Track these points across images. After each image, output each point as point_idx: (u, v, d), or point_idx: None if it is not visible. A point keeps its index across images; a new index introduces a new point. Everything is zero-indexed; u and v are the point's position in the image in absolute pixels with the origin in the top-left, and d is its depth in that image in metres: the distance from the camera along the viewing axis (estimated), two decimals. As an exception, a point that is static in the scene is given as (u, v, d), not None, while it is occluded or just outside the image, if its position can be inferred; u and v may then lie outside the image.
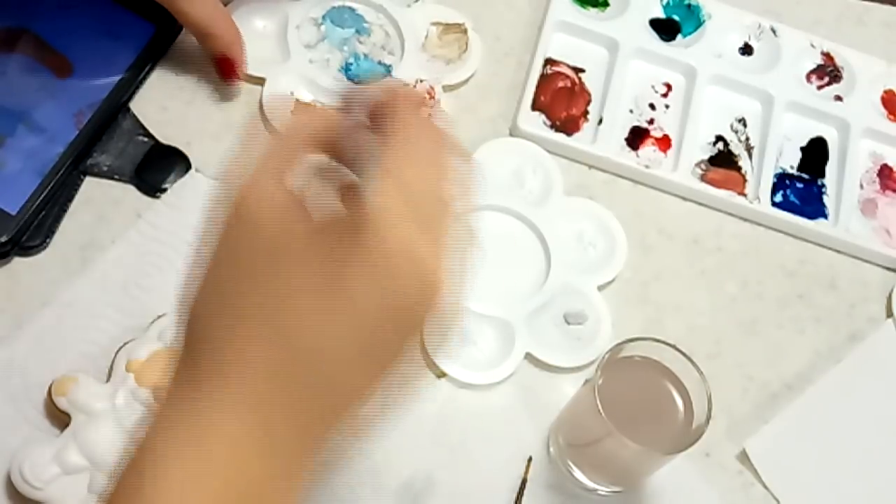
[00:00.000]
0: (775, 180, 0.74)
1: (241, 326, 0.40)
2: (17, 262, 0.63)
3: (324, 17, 0.74)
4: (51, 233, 0.64)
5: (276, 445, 0.40)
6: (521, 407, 0.64)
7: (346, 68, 0.72)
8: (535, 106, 0.73)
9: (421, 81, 0.72)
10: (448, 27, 0.74)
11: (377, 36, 0.74)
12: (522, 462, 0.62)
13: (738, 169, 0.74)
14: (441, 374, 0.64)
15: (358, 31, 0.74)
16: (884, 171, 0.76)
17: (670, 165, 0.73)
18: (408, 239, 0.40)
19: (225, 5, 0.71)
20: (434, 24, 0.74)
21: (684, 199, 0.73)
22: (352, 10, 0.74)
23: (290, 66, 0.71)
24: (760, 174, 0.73)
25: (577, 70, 0.75)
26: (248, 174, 0.41)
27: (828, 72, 0.79)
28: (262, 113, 0.69)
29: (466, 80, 0.73)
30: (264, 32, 0.73)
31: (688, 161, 0.73)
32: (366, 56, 0.73)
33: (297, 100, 0.70)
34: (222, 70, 0.69)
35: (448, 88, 0.73)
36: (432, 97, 0.71)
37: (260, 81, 0.70)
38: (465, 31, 0.74)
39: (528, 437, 0.63)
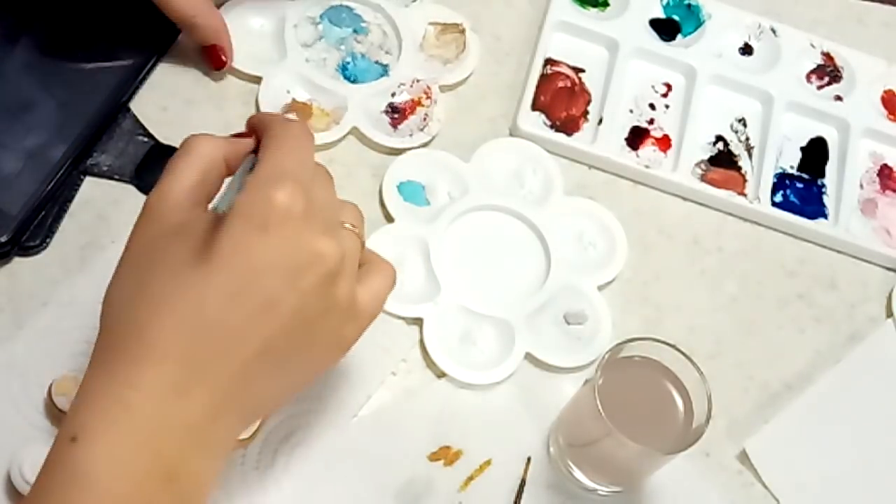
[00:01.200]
0: (775, 180, 0.74)
1: (152, 314, 0.45)
2: (17, 262, 0.63)
3: (321, 17, 0.74)
4: (51, 233, 0.64)
5: (195, 426, 0.44)
6: (521, 407, 0.64)
7: (343, 67, 0.72)
8: (535, 106, 0.73)
9: (417, 81, 0.72)
10: (446, 27, 0.74)
11: (375, 35, 0.74)
12: (522, 462, 0.62)
13: (738, 169, 0.74)
14: (441, 374, 0.64)
15: (355, 31, 0.74)
16: (884, 171, 0.76)
17: (670, 165, 0.73)
18: (300, 229, 0.45)
19: (221, 5, 0.71)
20: (432, 23, 0.74)
21: (684, 199, 0.73)
22: (350, 9, 0.75)
23: (287, 64, 0.71)
24: (760, 174, 0.73)
25: (577, 70, 0.75)
26: (159, 183, 0.48)
27: (828, 72, 0.79)
28: (259, 111, 0.69)
29: (464, 81, 0.73)
30: (262, 31, 0.73)
31: (688, 161, 0.73)
32: (363, 55, 0.73)
33: (294, 100, 0.70)
34: (210, 59, 0.70)
35: (445, 88, 0.73)
36: (429, 97, 0.71)
37: (257, 80, 0.70)
38: (463, 32, 0.74)
39: (528, 437, 0.63)
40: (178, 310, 0.45)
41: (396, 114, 0.71)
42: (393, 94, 0.72)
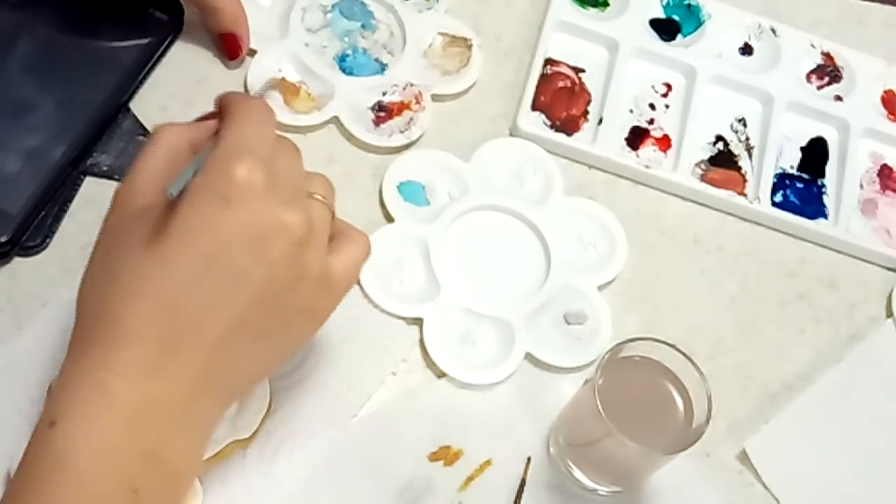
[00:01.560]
0: (775, 180, 0.74)
1: (122, 297, 0.45)
2: (17, 262, 0.63)
3: (333, 6, 0.74)
4: (51, 233, 0.64)
5: (173, 406, 0.45)
6: (521, 407, 0.64)
7: (342, 58, 0.72)
8: (535, 106, 0.73)
9: (411, 85, 0.72)
10: (454, 40, 0.74)
11: (382, 34, 0.74)
12: (522, 462, 0.62)
13: (738, 169, 0.74)
14: (441, 374, 0.64)
15: (363, 26, 0.74)
16: (884, 171, 0.76)
17: (670, 165, 0.73)
18: (263, 201, 0.45)
19: None
20: (441, 34, 0.74)
21: (684, 199, 0.73)
22: (363, 4, 0.75)
23: (285, 43, 0.72)
24: (760, 174, 0.73)
25: (577, 70, 0.76)
26: (128, 173, 0.48)
27: (828, 72, 0.79)
28: (246, 85, 0.70)
29: (457, 94, 0.73)
30: (270, 10, 0.73)
31: (688, 161, 0.73)
32: (364, 51, 0.73)
33: (284, 78, 0.70)
34: (227, 47, 0.70)
35: (437, 98, 0.72)
36: (419, 102, 0.71)
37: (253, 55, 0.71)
38: (470, 47, 0.74)
39: (528, 437, 0.63)
40: (146, 290, 0.45)
41: (382, 112, 0.71)
42: (384, 94, 0.71)
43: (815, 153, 0.76)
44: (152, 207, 0.46)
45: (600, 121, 0.73)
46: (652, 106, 0.75)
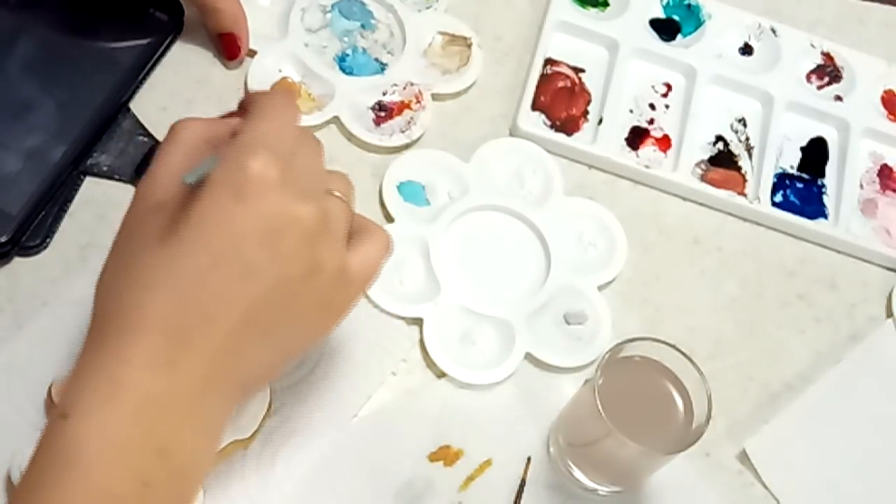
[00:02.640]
0: (775, 180, 0.74)
1: (136, 290, 0.45)
2: (17, 262, 0.63)
3: (333, 6, 0.74)
4: (51, 233, 0.64)
5: (185, 399, 0.45)
6: (521, 407, 0.64)
7: (342, 58, 0.72)
8: (535, 106, 0.73)
9: (411, 85, 0.72)
10: (454, 38, 0.74)
11: (381, 34, 0.74)
12: (522, 462, 0.62)
13: (738, 169, 0.74)
14: (441, 374, 0.64)
15: (363, 26, 0.74)
16: (884, 171, 0.76)
17: (670, 165, 0.73)
18: (276, 195, 0.45)
19: None
20: (441, 33, 0.74)
21: (684, 199, 0.73)
22: (363, 4, 0.75)
23: (285, 44, 0.72)
24: (760, 174, 0.73)
25: (577, 70, 0.76)
26: (148, 169, 0.48)
27: (828, 72, 0.79)
28: (246, 86, 0.70)
29: (457, 94, 0.73)
30: (270, 10, 0.73)
31: (688, 161, 0.73)
32: (364, 50, 0.73)
33: (286, 78, 0.70)
34: (226, 47, 0.70)
35: (437, 97, 0.72)
36: (419, 102, 0.71)
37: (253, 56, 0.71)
38: (470, 46, 0.74)
39: (528, 437, 0.63)
40: (159, 282, 0.45)
41: (383, 112, 0.71)
42: (384, 93, 0.72)
43: (815, 153, 0.76)
44: (168, 202, 0.46)
45: (600, 121, 0.73)
46: (652, 106, 0.75)
